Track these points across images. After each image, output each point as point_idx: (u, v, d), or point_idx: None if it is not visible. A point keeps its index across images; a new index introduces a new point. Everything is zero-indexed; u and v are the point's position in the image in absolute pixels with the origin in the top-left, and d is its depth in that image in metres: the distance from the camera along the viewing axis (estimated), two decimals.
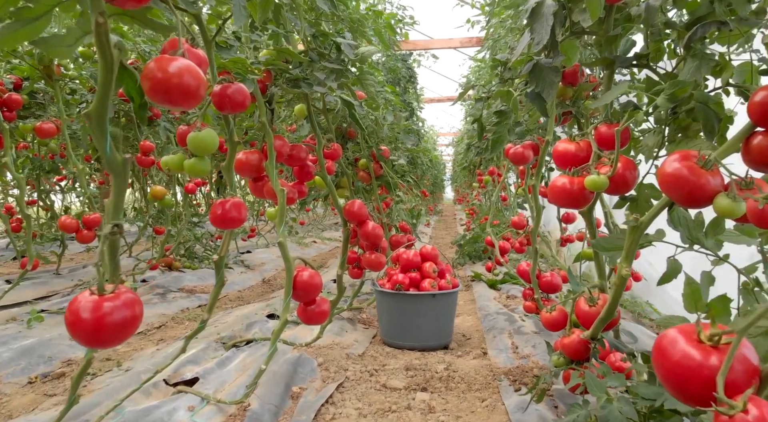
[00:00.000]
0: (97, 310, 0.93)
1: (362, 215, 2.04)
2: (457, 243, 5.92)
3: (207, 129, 1.25)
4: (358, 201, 2.06)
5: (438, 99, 11.20)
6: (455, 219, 13.73)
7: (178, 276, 4.00)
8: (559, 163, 1.47)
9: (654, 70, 1.51)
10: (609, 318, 1.38)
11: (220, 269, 1.52)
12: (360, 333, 2.70)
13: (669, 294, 3.32)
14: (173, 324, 2.97)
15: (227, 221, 1.33)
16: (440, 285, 2.58)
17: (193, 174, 1.27)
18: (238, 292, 3.93)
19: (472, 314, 3.24)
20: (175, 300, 3.40)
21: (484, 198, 7.17)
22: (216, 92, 1.28)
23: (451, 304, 2.60)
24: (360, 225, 2.06)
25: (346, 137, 3.43)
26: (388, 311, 2.59)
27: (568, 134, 3.01)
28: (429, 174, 10.98)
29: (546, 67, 1.53)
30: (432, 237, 9.38)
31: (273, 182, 1.77)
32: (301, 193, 2.13)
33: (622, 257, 1.27)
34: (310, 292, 1.75)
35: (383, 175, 3.31)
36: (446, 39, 6.80)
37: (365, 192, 3.45)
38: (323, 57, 1.97)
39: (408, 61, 6.09)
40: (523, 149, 2.38)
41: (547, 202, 4.00)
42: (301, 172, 2.12)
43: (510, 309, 3.17)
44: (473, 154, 6.29)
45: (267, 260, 5.16)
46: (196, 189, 3.55)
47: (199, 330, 1.61)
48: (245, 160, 1.81)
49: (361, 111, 2.68)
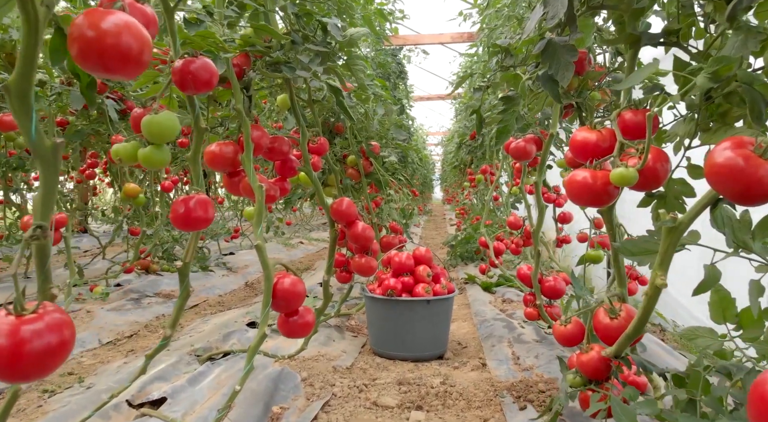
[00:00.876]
0: (12, 336, 0.73)
1: (351, 215, 1.84)
2: (449, 244, 5.74)
3: (165, 112, 1.04)
4: (346, 199, 1.86)
5: (428, 97, 11.03)
6: (444, 220, 13.58)
7: (155, 279, 3.76)
8: (578, 155, 1.28)
9: (685, 48, 1.33)
10: (637, 333, 1.19)
11: (184, 278, 1.31)
12: (348, 343, 2.50)
13: (673, 296, 3.17)
14: (146, 332, 2.75)
15: (191, 222, 1.13)
16: (435, 290, 2.39)
17: (149, 165, 1.07)
18: (219, 297, 3.70)
19: (467, 320, 3.06)
20: (150, 306, 3.17)
21: (475, 197, 7.01)
22: (177, 68, 1.08)
23: (446, 311, 2.41)
24: (349, 225, 1.86)
25: (334, 132, 3.23)
26: (378, 319, 2.39)
27: (567, 130, 2.84)
28: (419, 173, 10.81)
29: (561, 45, 1.34)
30: (422, 237, 9.20)
31: (250, 177, 1.56)
32: (283, 191, 1.93)
33: (657, 263, 1.09)
34: (291, 302, 1.55)
35: (373, 172, 3.11)
36: (436, 34, 6.62)
37: (354, 190, 3.25)
38: (307, 39, 1.77)
39: (398, 56, 5.89)
40: (525, 143, 2.20)
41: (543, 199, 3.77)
42: (283, 168, 1.92)
43: (507, 315, 2.98)
44: (464, 152, 6.13)
45: (251, 262, 4.94)
46: (173, 187, 3.33)
47: (161, 349, 1.39)
48: (219, 152, 1.60)
49: (350, 102, 2.49)
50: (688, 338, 1.47)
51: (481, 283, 3.91)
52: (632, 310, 1.31)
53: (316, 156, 2.44)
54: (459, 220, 7.38)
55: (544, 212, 2.25)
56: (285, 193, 1.95)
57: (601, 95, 2.38)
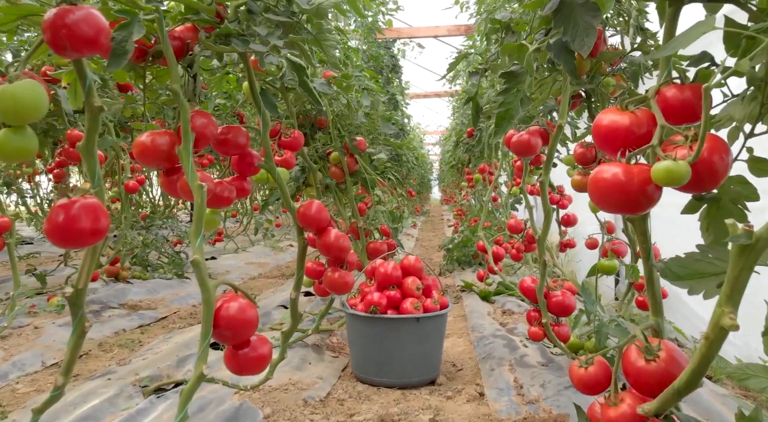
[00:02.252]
0: None
1: (322, 220, 1.53)
2: (445, 248, 5.43)
3: (26, 81, 0.73)
4: (316, 202, 1.54)
5: (424, 94, 10.71)
6: (442, 220, 13.27)
7: (123, 288, 3.45)
8: (604, 144, 0.98)
9: (743, 4, 1.02)
10: (691, 388, 0.87)
11: (76, 310, 0.99)
12: (326, 366, 2.18)
13: (691, 308, 2.85)
14: (99, 352, 2.43)
15: (72, 236, 0.81)
16: (426, 305, 2.08)
17: (4, 155, 0.76)
18: (192, 307, 3.38)
19: (463, 335, 2.74)
20: (110, 320, 2.86)
21: (473, 198, 6.70)
22: (48, 20, 0.77)
23: (438, 329, 2.10)
24: (319, 233, 1.55)
25: (316, 126, 2.92)
26: (361, 339, 2.07)
27: (572, 125, 2.52)
28: (415, 173, 10.49)
29: (579, 3, 1.03)
30: (418, 239, 8.89)
31: (188, 175, 1.25)
32: (242, 191, 1.62)
33: (724, 296, 0.77)
34: (239, 331, 1.25)
35: (359, 170, 2.80)
36: (432, 27, 6.31)
37: (338, 191, 2.94)
38: (268, 9, 1.46)
39: (391, 49, 5.58)
40: (529, 136, 1.89)
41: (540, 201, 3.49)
42: (241, 164, 1.61)
43: (508, 330, 2.67)
44: (462, 150, 5.82)
45: (233, 267, 4.62)
46: (138, 187, 3.02)
47: (52, 402, 1.07)
48: (151, 144, 1.29)
49: (328, 90, 2.18)
50: (738, 378, 1.16)
51: (479, 292, 3.60)
52: (673, 349, 1.00)
53: (289, 151, 2.14)
54: (456, 222, 7.07)
55: (551, 216, 1.93)
56: (244, 194, 1.64)
57: (617, 81, 2.08)
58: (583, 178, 2.09)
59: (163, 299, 3.40)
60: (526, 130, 1.90)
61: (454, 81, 7.38)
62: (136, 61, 1.39)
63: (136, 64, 1.40)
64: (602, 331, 2.03)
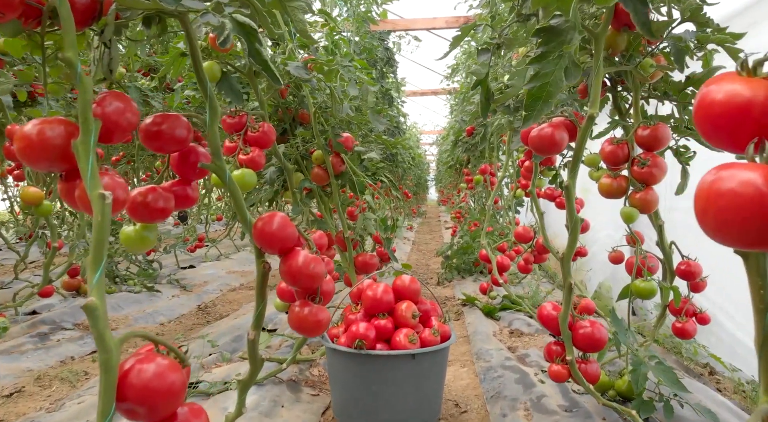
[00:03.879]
0: None
1: (286, 239, 1.16)
2: (443, 254, 5.05)
3: None
4: (279, 215, 1.17)
5: (421, 92, 10.34)
6: (440, 222, 12.90)
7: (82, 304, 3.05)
8: (718, 133, 0.60)
9: None
10: None
11: None
12: (304, 408, 1.80)
13: (728, 331, 2.48)
14: (35, 388, 2.04)
15: None
16: (423, 338, 1.70)
17: None
18: (160, 327, 3.00)
19: (467, 363, 2.37)
20: (58, 345, 2.47)
21: (472, 200, 6.34)
22: None
23: (439, 366, 1.73)
24: (283, 256, 1.17)
25: (298, 120, 2.54)
26: (344, 378, 1.70)
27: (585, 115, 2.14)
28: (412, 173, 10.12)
29: None
30: (415, 242, 8.52)
31: (86, 180, 0.88)
32: (185, 200, 1.24)
33: None
34: (156, 406, 0.87)
35: (346, 172, 2.43)
36: (429, 18, 5.93)
37: (323, 196, 2.56)
38: None
39: (386, 41, 5.21)
40: (553, 130, 1.51)
41: (554, 205, 3.11)
42: (183, 164, 1.23)
43: (519, 357, 2.30)
44: (461, 150, 5.46)
45: (212, 277, 4.23)
46: None
47: None
48: (37, 137, 0.92)
49: (304, 75, 1.80)
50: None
51: (482, 307, 3.23)
52: None
53: (257, 149, 1.76)
54: (455, 225, 6.71)
55: (578, 229, 1.57)
56: (187, 203, 1.27)
57: (656, 62, 1.71)
58: (614, 181, 1.73)
59: (127, 317, 3.02)
60: (547, 122, 1.53)
61: (452, 77, 7.02)
62: (27, 24, 1.01)
63: (29, 28, 1.02)
64: (640, 371, 1.67)
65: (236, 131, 1.75)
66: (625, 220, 1.72)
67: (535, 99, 0.87)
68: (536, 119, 0.91)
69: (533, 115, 0.90)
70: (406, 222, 9.76)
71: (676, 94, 1.86)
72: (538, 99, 0.87)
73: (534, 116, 0.90)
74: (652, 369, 1.64)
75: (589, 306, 2.54)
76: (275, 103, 2.47)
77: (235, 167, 1.69)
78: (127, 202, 1.01)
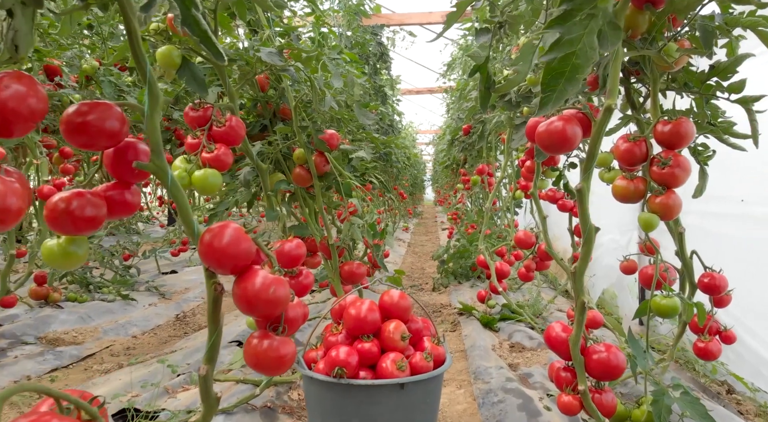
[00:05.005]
0: None
1: (238, 256, 0.93)
2: (439, 259, 4.84)
3: None
4: (231, 227, 0.94)
5: (417, 91, 10.12)
6: (436, 223, 12.69)
7: (49, 315, 2.83)
8: None
9: None
10: None
11: None
12: None
13: (745, 344, 2.27)
14: None
15: None
16: (414, 363, 1.48)
17: None
18: (132, 339, 2.77)
19: (463, 383, 2.15)
20: (14, 363, 2.24)
21: (469, 201, 6.13)
22: None
23: (432, 396, 1.51)
24: (238, 275, 0.96)
25: (279, 116, 2.32)
26: (322, 411, 1.48)
27: (591, 106, 1.91)
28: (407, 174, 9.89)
29: None
30: (410, 244, 8.31)
31: None
32: (122, 206, 1.03)
33: None
34: None
35: (330, 172, 2.21)
36: (424, 13, 5.71)
37: (306, 199, 2.34)
38: None
39: (379, 36, 4.98)
40: (564, 123, 1.29)
41: (557, 208, 2.90)
42: (119, 164, 1.02)
43: (521, 377, 2.08)
44: (457, 149, 5.25)
45: (194, 283, 4.00)
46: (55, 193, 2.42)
47: None
48: None
49: (277, 61, 1.58)
50: None
51: (480, 317, 3.01)
52: None
53: (223, 146, 1.53)
54: (451, 226, 6.50)
55: (593, 238, 1.35)
56: (127, 210, 1.05)
57: (679, 46, 1.50)
58: (631, 183, 1.51)
59: (96, 329, 2.79)
60: (558, 115, 1.31)
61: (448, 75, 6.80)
62: None
63: None
64: (663, 403, 1.45)
65: (200, 126, 1.53)
66: (644, 228, 1.50)
67: (556, 75, 0.65)
68: (557, 103, 0.69)
69: (553, 98, 0.68)
70: (401, 223, 9.55)
71: (698, 86, 1.65)
72: (560, 75, 0.65)
73: (554, 99, 0.68)
74: (677, 400, 1.42)
75: (596, 319, 2.33)
76: (254, 97, 2.25)
77: (197, 167, 1.47)
78: (22, 212, 0.78)
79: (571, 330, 1.42)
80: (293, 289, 1.68)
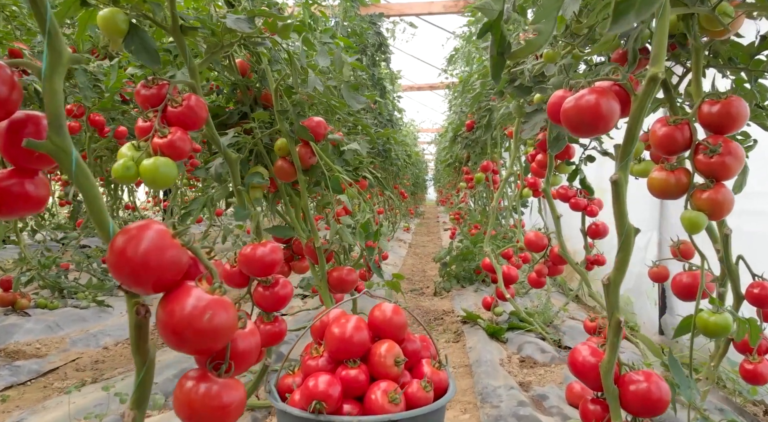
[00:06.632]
0: None
1: (162, 268, 0.68)
2: (441, 261, 4.57)
3: None
4: (152, 228, 0.69)
5: (418, 87, 9.85)
6: (438, 223, 12.42)
7: (13, 324, 2.58)
8: None
9: None
10: None
11: None
12: None
13: None
14: None
15: None
16: (410, 394, 1.22)
17: None
18: (103, 351, 2.51)
19: (468, 406, 1.88)
20: None
21: (472, 200, 5.87)
22: None
23: None
24: (164, 295, 0.70)
25: (260, 103, 2.07)
26: None
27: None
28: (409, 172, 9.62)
29: None
30: (411, 245, 8.05)
31: None
32: (21, 200, 0.78)
33: None
34: None
35: (317, 165, 1.95)
36: (426, 2, 5.45)
37: (292, 195, 2.09)
38: None
39: (378, 25, 4.72)
40: (597, 97, 1.03)
41: (569, 207, 2.63)
42: (14, 144, 0.76)
43: (534, 400, 1.82)
44: (460, 147, 4.99)
45: None
46: None
47: None
48: None
49: (246, 28, 1.32)
50: None
51: (485, 326, 2.75)
52: None
53: (179, 130, 1.27)
54: (454, 227, 6.24)
55: (632, 240, 1.08)
56: (30, 206, 0.81)
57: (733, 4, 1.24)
58: (671, 175, 1.25)
59: (64, 339, 2.53)
60: (589, 87, 1.05)
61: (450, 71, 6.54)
62: None
63: None
64: None
65: (153, 106, 1.27)
66: (688, 229, 1.23)
67: None
68: (642, 12, 0.43)
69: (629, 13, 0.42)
70: (402, 223, 9.29)
71: (746, 61, 1.39)
72: None
73: (639, 5, 0.42)
74: None
75: None
76: (233, 81, 2.00)
77: (147, 155, 1.21)
78: None
79: (602, 355, 1.16)
80: (267, 301, 1.42)
